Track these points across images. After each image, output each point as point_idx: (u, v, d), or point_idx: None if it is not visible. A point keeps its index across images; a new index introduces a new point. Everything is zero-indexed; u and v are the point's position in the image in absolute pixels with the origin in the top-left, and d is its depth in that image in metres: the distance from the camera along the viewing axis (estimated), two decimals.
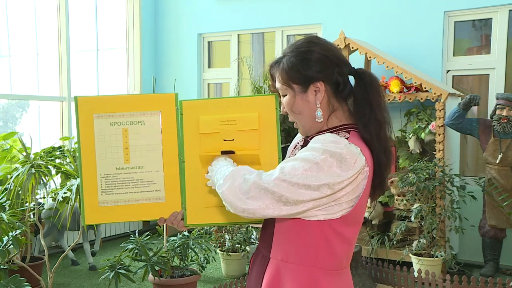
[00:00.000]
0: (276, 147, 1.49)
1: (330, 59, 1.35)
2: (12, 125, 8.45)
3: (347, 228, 1.33)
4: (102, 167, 1.57)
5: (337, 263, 1.36)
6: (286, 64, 1.37)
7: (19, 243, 3.55)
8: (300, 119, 1.41)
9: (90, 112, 1.57)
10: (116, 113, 1.57)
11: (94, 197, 1.58)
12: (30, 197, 3.84)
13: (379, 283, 4.13)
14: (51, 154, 4.15)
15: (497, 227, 4.46)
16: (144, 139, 1.57)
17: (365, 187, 1.30)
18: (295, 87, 1.36)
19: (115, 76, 6.78)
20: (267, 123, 1.49)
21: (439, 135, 4.42)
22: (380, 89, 1.38)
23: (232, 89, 6.27)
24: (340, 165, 1.23)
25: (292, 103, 1.39)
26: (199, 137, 1.52)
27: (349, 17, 5.49)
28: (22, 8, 6.70)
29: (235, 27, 6.27)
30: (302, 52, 1.36)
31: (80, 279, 4.56)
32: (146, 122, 1.57)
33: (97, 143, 1.57)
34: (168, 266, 3.73)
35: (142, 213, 1.59)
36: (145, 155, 1.57)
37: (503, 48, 4.90)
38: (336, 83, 1.36)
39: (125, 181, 1.57)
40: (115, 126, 1.57)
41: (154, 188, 1.57)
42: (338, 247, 1.34)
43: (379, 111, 1.34)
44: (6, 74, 6.91)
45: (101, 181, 1.57)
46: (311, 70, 1.34)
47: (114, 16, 6.70)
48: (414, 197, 4.45)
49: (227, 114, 1.50)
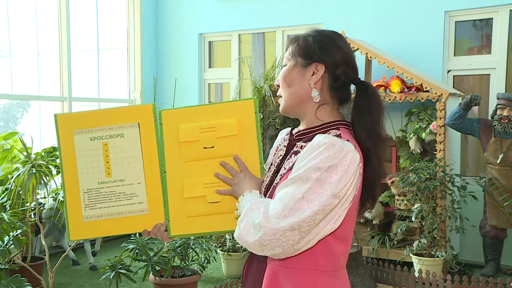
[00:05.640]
0: (257, 151, 1.47)
1: (343, 52, 1.37)
2: (13, 125, 8.45)
3: (345, 228, 1.32)
4: (84, 182, 1.57)
5: (335, 264, 1.35)
6: (302, 38, 1.40)
7: (20, 243, 3.55)
8: (286, 92, 1.40)
9: (70, 129, 1.58)
10: (95, 127, 1.57)
11: (78, 213, 1.58)
12: (31, 197, 3.84)
13: (380, 283, 4.13)
14: (51, 154, 4.15)
15: (498, 227, 4.46)
16: (124, 152, 1.57)
17: (360, 183, 1.30)
18: (298, 59, 1.38)
19: (115, 76, 6.79)
20: (247, 127, 1.48)
21: (440, 135, 4.42)
22: (381, 105, 1.37)
23: (232, 89, 6.27)
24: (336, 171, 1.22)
25: (287, 72, 1.39)
26: (179, 146, 1.51)
27: (350, 17, 5.49)
28: (23, 8, 6.70)
29: (235, 27, 6.27)
30: (323, 35, 1.39)
31: (81, 279, 4.56)
32: (125, 134, 1.57)
33: (78, 159, 1.57)
34: (168, 266, 3.73)
35: (126, 226, 1.58)
36: (126, 167, 1.57)
37: (504, 48, 4.90)
38: (336, 77, 1.36)
39: (108, 195, 1.57)
40: (95, 141, 1.57)
41: (137, 201, 1.57)
42: (337, 248, 1.32)
43: (379, 125, 1.35)
44: (7, 74, 6.92)
45: (84, 196, 1.57)
46: (320, 51, 1.36)
47: (114, 16, 6.71)
48: (414, 197, 4.45)
49: (206, 121, 1.49)
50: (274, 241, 1.22)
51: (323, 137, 1.27)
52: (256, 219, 1.25)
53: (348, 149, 1.25)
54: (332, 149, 1.23)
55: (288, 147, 1.44)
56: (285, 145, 1.45)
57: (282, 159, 1.43)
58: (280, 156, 1.44)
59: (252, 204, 1.30)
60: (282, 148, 1.46)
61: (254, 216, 1.26)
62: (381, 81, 4.70)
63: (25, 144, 3.92)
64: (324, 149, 1.24)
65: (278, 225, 1.21)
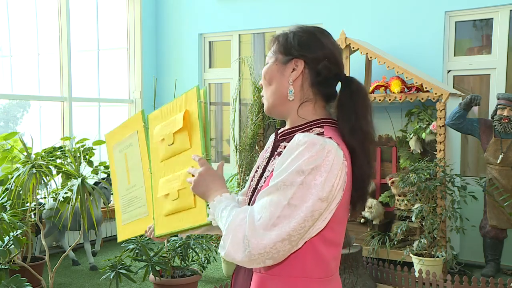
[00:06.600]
0: (199, 142, 1.40)
1: (324, 47, 1.32)
2: (13, 125, 8.46)
3: (333, 230, 1.26)
4: (121, 189, 1.78)
5: (326, 270, 1.28)
6: (283, 35, 1.36)
7: (20, 243, 3.56)
8: (268, 91, 1.35)
9: (111, 144, 1.82)
10: (121, 141, 1.77)
11: (119, 217, 1.79)
12: (31, 197, 3.84)
13: (380, 283, 4.13)
14: (52, 154, 4.16)
15: (498, 227, 4.46)
16: (133, 159, 1.72)
17: (346, 182, 1.23)
18: (279, 56, 1.34)
19: (115, 76, 6.79)
20: (192, 118, 1.43)
21: (440, 135, 4.42)
22: (367, 100, 1.31)
23: (233, 89, 6.27)
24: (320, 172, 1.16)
25: (268, 70, 1.35)
26: (156, 147, 1.54)
27: (350, 17, 5.49)
28: (23, 8, 6.71)
29: (236, 27, 6.27)
30: (304, 31, 1.34)
31: (81, 279, 4.56)
32: (133, 143, 1.72)
33: (116, 170, 1.80)
34: (169, 266, 3.73)
35: (139, 228, 1.70)
36: (134, 174, 1.72)
37: (504, 48, 4.90)
38: (318, 72, 1.31)
39: (130, 200, 1.74)
40: (121, 153, 1.77)
41: (142, 204, 1.69)
42: (326, 252, 1.26)
43: (364, 122, 1.28)
44: (7, 74, 6.92)
45: (121, 202, 1.78)
46: (299, 46, 1.31)
47: (115, 16, 6.71)
48: (415, 197, 4.45)
49: (167, 118, 1.51)
50: (264, 255, 1.15)
51: (303, 136, 1.20)
52: (242, 233, 1.17)
53: (330, 147, 1.18)
54: (313, 148, 1.17)
55: (273, 148, 1.39)
56: (270, 146, 1.41)
57: (268, 161, 1.38)
58: (266, 158, 1.39)
59: (234, 217, 1.20)
60: (267, 150, 1.41)
61: (240, 230, 1.17)
62: (381, 81, 4.70)
63: (25, 144, 3.92)
64: (304, 149, 1.17)
65: (267, 239, 1.14)
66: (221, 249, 1.21)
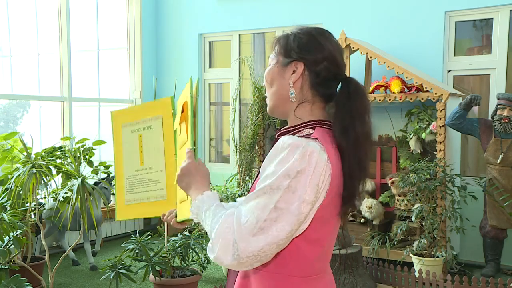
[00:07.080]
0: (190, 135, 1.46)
1: (324, 49, 1.34)
2: (13, 125, 8.46)
3: (315, 230, 1.26)
4: (127, 169, 1.80)
5: (310, 269, 1.30)
6: (284, 37, 1.38)
7: (20, 243, 3.56)
8: (269, 92, 1.39)
9: (119, 123, 1.83)
10: (134, 121, 1.79)
11: (122, 196, 1.81)
12: (31, 197, 3.84)
13: (380, 283, 4.13)
14: (52, 154, 4.16)
15: (498, 227, 4.46)
16: (152, 142, 1.73)
17: (331, 183, 1.23)
18: (279, 59, 1.36)
19: (116, 76, 6.79)
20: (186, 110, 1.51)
21: (440, 135, 4.42)
22: (364, 101, 1.31)
23: (233, 89, 6.28)
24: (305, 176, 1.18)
25: (269, 71, 1.38)
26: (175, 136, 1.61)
27: (350, 17, 5.49)
28: (23, 8, 6.71)
29: (236, 27, 6.28)
30: (304, 33, 1.36)
31: (81, 279, 4.56)
32: (153, 126, 1.74)
33: (124, 149, 1.81)
34: (169, 266, 3.73)
35: (151, 210, 1.73)
36: (152, 156, 1.73)
37: (504, 48, 4.90)
38: (317, 73, 1.32)
39: (141, 181, 1.76)
40: (134, 133, 1.79)
41: (159, 187, 1.71)
42: (308, 252, 1.27)
43: (359, 122, 1.28)
44: (7, 74, 6.92)
45: (126, 182, 1.80)
46: (299, 48, 1.33)
47: (115, 16, 6.71)
48: (415, 197, 4.45)
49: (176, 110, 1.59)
50: (252, 258, 1.18)
51: (287, 138, 1.23)
52: (231, 237, 1.19)
53: (312, 149, 1.19)
54: (296, 151, 1.19)
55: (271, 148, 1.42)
56: (271, 145, 1.44)
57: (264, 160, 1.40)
58: None
59: (223, 222, 1.21)
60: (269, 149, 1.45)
61: (229, 234, 1.19)
62: (381, 81, 4.70)
63: (25, 144, 3.92)
64: (288, 152, 1.20)
65: (255, 243, 1.17)
66: (210, 252, 1.24)
